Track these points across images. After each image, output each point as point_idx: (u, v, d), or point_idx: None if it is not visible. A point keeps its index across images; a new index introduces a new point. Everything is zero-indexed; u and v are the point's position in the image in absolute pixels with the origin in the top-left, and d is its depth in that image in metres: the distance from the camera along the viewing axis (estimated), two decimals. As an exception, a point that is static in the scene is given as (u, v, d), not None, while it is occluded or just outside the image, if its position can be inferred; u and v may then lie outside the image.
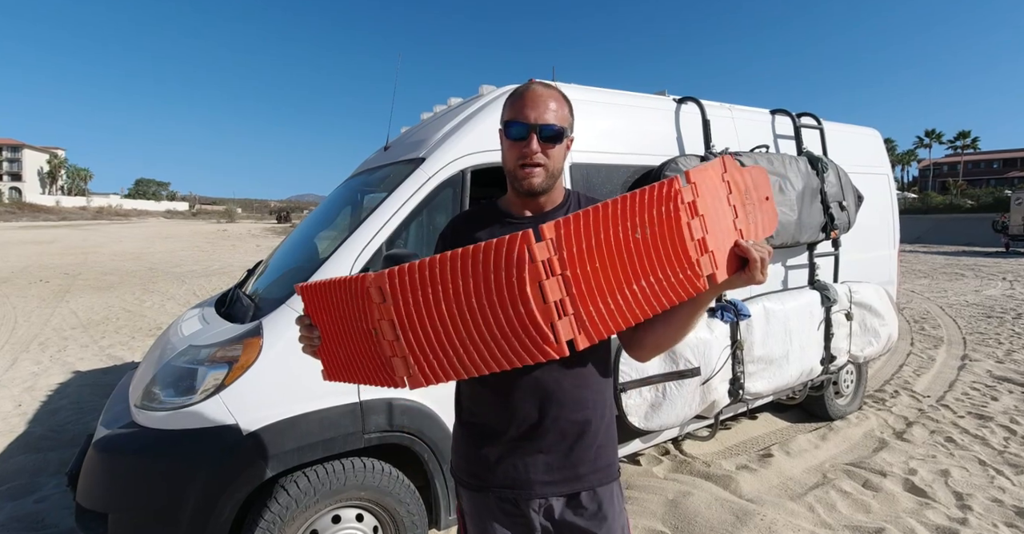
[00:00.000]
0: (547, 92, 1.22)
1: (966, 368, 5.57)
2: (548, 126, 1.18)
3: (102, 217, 69.33)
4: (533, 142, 1.18)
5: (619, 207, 0.93)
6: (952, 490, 3.11)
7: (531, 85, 1.23)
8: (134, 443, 1.99)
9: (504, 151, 1.26)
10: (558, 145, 1.21)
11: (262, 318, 2.09)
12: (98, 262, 17.08)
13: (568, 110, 1.24)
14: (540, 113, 1.18)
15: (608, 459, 1.29)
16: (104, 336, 7.24)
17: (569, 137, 1.25)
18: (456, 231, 1.37)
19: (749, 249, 1.04)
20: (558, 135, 1.20)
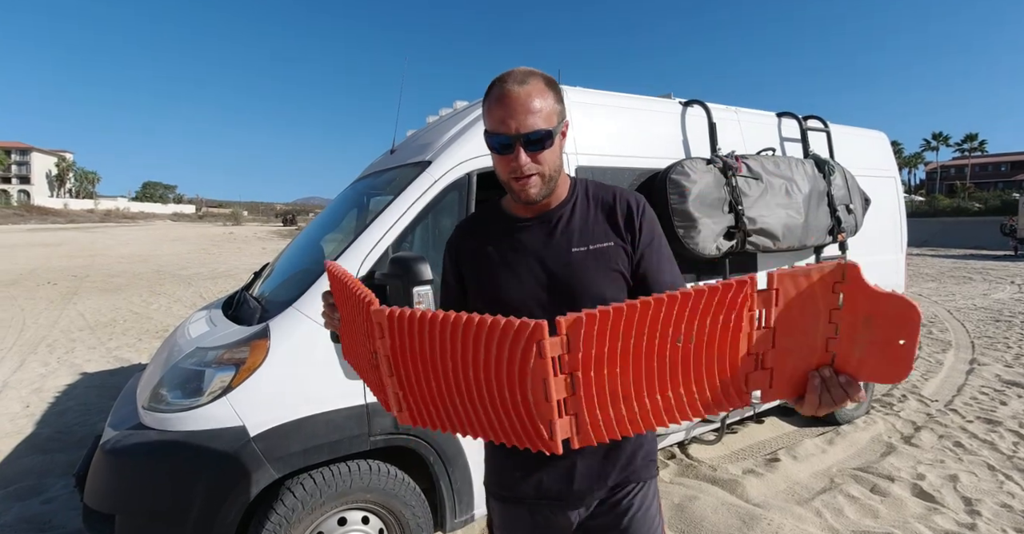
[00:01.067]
0: (524, 90, 1.07)
1: (975, 372, 5.53)
2: (533, 134, 1.07)
3: (109, 220, 69.79)
4: (521, 155, 1.08)
5: (663, 309, 0.75)
6: (961, 495, 3.09)
7: (504, 85, 1.08)
8: (141, 444, 2.00)
9: (493, 162, 1.17)
10: (549, 148, 1.11)
11: (269, 320, 2.10)
12: (105, 264, 17.19)
13: (553, 97, 1.11)
14: (521, 119, 1.06)
15: (648, 456, 1.28)
16: (111, 338, 7.28)
17: (562, 130, 1.15)
18: (463, 239, 1.33)
19: (816, 387, 0.77)
20: (546, 138, 1.09)
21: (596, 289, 1.19)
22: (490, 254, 1.26)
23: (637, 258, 1.20)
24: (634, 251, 1.21)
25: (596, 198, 1.25)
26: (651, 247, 1.22)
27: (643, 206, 1.24)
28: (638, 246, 1.21)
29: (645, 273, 1.20)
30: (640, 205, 1.24)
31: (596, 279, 1.19)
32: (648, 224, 1.22)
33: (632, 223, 1.22)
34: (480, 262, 1.28)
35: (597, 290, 1.19)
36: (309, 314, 2.07)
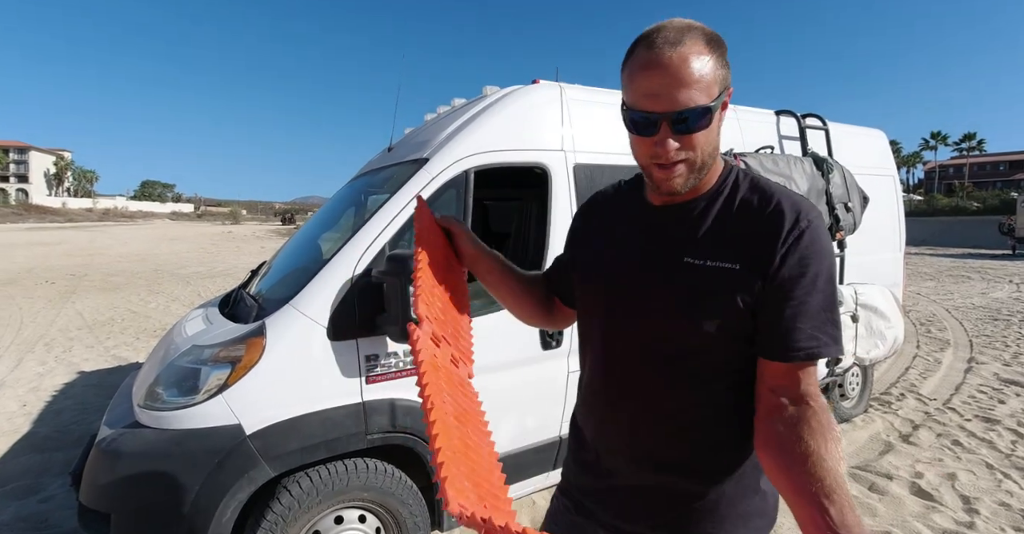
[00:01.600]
0: (678, 54, 0.82)
1: (973, 371, 5.53)
2: (686, 112, 0.84)
3: (108, 219, 69.70)
4: (667, 140, 0.86)
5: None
6: (959, 494, 3.09)
7: (653, 47, 0.84)
8: (137, 443, 1.99)
9: (631, 141, 0.94)
10: (705, 129, 0.87)
11: (265, 318, 2.09)
12: (104, 263, 17.15)
13: (715, 61, 0.85)
14: (673, 93, 0.83)
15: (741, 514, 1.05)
16: (109, 337, 7.26)
17: (725, 100, 0.89)
18: (587, 210, 1.19)
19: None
20: (702, 117, 0.85)
21: (691, 320, 0.92)
22: (599, 236, 1.11)
23: (763, 296, 0.88)
24: (763, 285, 0.88)
25: (747, 199, 0.93)
26: (788, 287, 0.87)
27: (802, 226, 0.87)
28: (770, 279, 0.87)
29: (765, 323, 0.89)
30: (797, 224, 0.87)
31: (697, 308, 0.91)
32: (800, 253, 0.87)
33: (774, 245, 0.87)
34: (587, 241, 1.15)
35: (691, 323, 0.92)
36: (306, 312, 2.06)
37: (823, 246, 0.89)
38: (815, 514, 0.73)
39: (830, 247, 0.91)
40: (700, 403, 0.96)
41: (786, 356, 0.87)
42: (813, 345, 0.86)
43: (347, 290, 2.11)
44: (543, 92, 2.77)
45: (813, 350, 0.86)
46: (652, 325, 0.96)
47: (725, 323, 0.91)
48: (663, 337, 0.96)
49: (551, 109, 2.73)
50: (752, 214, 0.92)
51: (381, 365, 2.15)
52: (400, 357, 2.20)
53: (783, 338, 0.87)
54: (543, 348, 2.55)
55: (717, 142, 0.92)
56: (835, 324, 0.88)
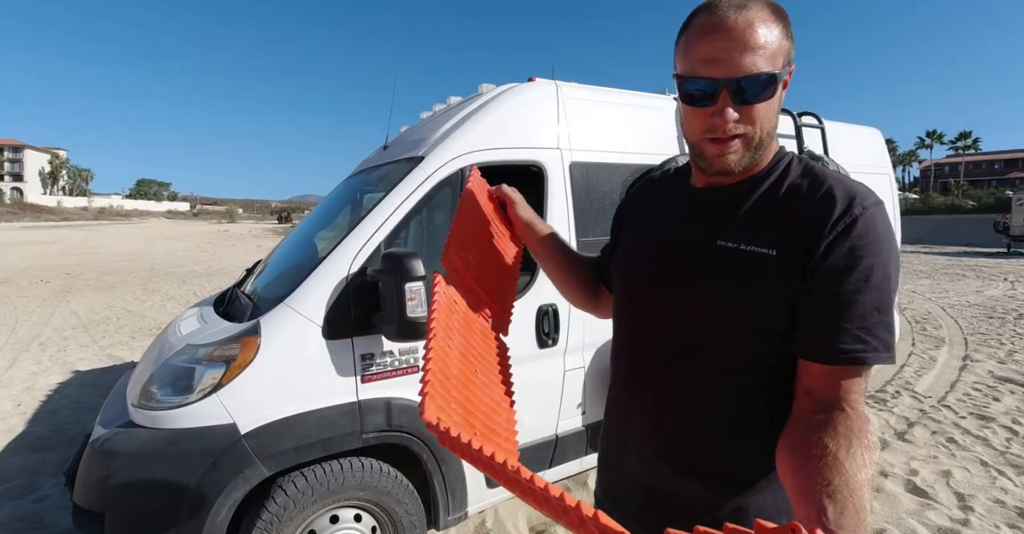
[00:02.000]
0: (743, 17, 0.78)
1: (968, 369, 5.55)
2: (750, 79, 0.78)
3: (103, 217, 69.42)
4: (727, 109, 0.80)
5: None
6: (954, 491, 3.10)
7: (716, 11, 0.80)
8: (131, 442, 1.98)
9: (683, 115, 0.88)
10: (767, 101, 0.80)
11: (260, 317, 2.08)
12: (99, 262, 17.08)
13: (781, 30, 0.80)
14: (735, 58, 0.77)
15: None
16: (104, 336, 7.23)
17: (788, 74, 0.82)
18: (635, 192, 1.15)
19: None
20: (767, 86, 0.79)
21: (717, 309, 0.86)
22: (639, 221, 1.07)
23: (804, 289, 0.80)
24: (804, 276, 0.79)
25: (797, 183, 0.85)
26: (834, 280, 0.77)
27: (855, 213, 0.78)
28: (811, 271, 0.79)
29: (805, 319, 0.80)
30: (850, 210, 0.78)
31: (725, 296, 0.85)
32: (851, 243, 0.77)
33: (820, 232, 0.79)
34: (627, 227, 1.11)
35: (718, 311, 0.86)
36: (300, 310, 2.05)
37: (881, 237, 0.78)
38: (811, 512, 0.63)
39: (891, 239, 0.79)
40: (725, 401, 0.88)
41: (825, 358, 0.78)
42: (859, 348, 0.76)
43: (342, 289, 2.10)
44: (539, 90, 2.76)
45: (859, 354, 0.76)
46: (678, 313, 0.91)
47: (754, 314, 0.83)
48: (687, 326, 0.90)
49: (547, 107, 2.73)
50: (799, 198, 0.83)
51: (376, 364, 2.15)
52: (396, 356, 2.19)
53: (824, 338, 0.78)
54: (539, 347, 2.55)
55: (776, 119, 0.84)
56: (887, 328, 0.77)
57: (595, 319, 2.77)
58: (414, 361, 2.23)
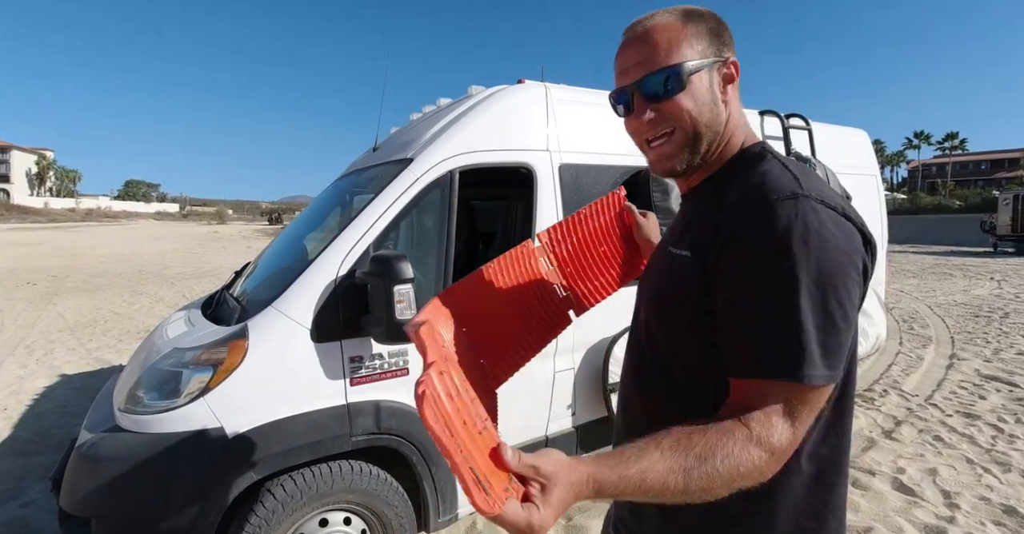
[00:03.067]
0: (645, 27, 0.82)
1: (954, 367, 5.61)
2: (651, 77, 0.80)
3: (91, 219, 68.72)
4: (640, 111, 0.83)
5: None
6: (940, 489, 3.13)
7: (628, 30, 0.85)
8: (117, 447, 1.96)
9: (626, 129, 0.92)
10: (683, 93, 0.80)
11: (247, 320, 2.07)
12: (87, 264, 16.91)
13: (694, 33, 0.82)
14: (637, 63, 0.82)
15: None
16: (91, 339, 7.16)
17: (712, 68, 0.82)
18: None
19: None
20: (672, 79, 0.80)
21: (656, 312, 0.90)
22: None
23: (713, 293, 0.77)
24: (708, 279, 0.78)
25: (738, 175, 0.84)
26: (731, 286, 0.75)
27: (752, 212, 0.74)
28: (711, 274, 0.77)
29: (720, 323, 0.77)
30: (749, 207, 0.75)
31: (658, 297, 0.89)
32: (746, 236, 0.73)
33: (716, 231, 0.77)
34: None
35: (657, 314, 0.90)
36: (289, 313, 2.04)
37: (790, 232, 0.70)
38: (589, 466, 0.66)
39: (811, 236, 0.70)
40: (678, 401, 0.86)
41: (731, 370, 0.75)
42: (749, 362, 0.72)
43: (331, 291, 2.09)
44: (528, 92, 2.76)
45: (751, 369, 0.72)
46: (643, 315, 0.96)
47: (685, 317, 0.82)
48: (645, 328, 0.93)
49: (536, 109, 2.73)
50: (720, 195, 0.82)
51: (365, 367, 2.14)
52: (385, 359, 2.19)
53: (727, 348, 0.75)
54: (529, 348, 2.55)
55: (714, 113, 0.83)
56: (794, 338, 0.69)
57: (585, 321, 2.77)
58: (403, 363, 2.23)
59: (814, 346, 0.69)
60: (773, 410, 0.70)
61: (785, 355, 0.69)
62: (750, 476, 0.68)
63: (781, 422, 0.70)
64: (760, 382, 0.72)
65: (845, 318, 0.71)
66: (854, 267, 0.72)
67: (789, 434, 0.70)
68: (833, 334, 0.70)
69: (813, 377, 0.69)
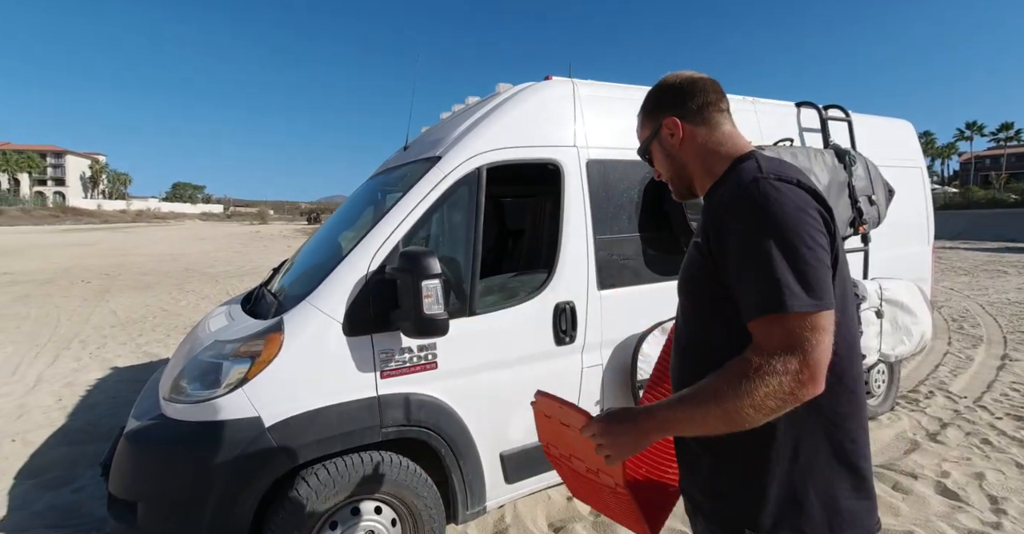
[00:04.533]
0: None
1: (1006, 368, 5.36)
2: (639, 152, 1.28)
3: (141, 220, 71.60)
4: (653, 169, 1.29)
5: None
6: (986, 493, 3.01)
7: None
8: (162, 434, 2.06)
9: None
10: (656, 162, 1.25)
11: (283, 314, 2.14)
12: (136, 263, 17.65)
13: (643, 117, 1.25)
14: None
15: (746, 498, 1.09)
16: (141, 334, 7.48)
17: (657, 140, 1.21)
18: None
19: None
20: (644, 154, 1.26)
21: (685, 294, 1.17)
22: None
23: (716, 266, 1.02)
24: (710, 258, 1.03)
25: (723, 184, 1.09)
26: (724, 254, 0.99)
27: (726, 194, 1.03)
28: (711, 248, 1.02)
29: (731, 288, 1.00)
30: (724, 197, 1.03)
31: (689, 281, 1.13)
32: (725, 218, 0.99)
33: (716, 214, 1.03)
34: None
35: (685, 296, 1.16)
36: (322, 308, 2.10)
37: (753, 207, 0.95)
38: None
39: (770, 205, 0.93)
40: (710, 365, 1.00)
41: (743, 320, 0.96)
42: (749, 308, 0.94)
43: (362, 286, 2.15)
44: (555, 88, 2.77)
45: (749, 312, 0.94)
46: (679, 301, 1.19)
47: (707, 295, 1.06)
48: (683, 311, 1.17)
49: (563, 105, 2.73)
50: (719, 192, 1.08)
51: (395, 360, 2.19)
52: (414, 352, 2.23)
53: (739, 306, 0.97)
54: (556, 344, 2.56)
55: (674, 163, 1.20)
56: (771, 281, 0.89)
57: (613, 317, 2.76)
58: (432, 358, 2.27)
59: (792, 282, 0.89)
60: (774, 339, 0.90)
61: (770, 295, 0.89)
62: (775, 396, 0.87)
63: (783, 348, 0.88)
64: (760, 321, 0.92)
65: (816, 257, 0.91)
66: (811, 217, 0.93)
67: (797, 356, 0.88)
68: (808, 271, 0.90)
69: (796, 305, 0.88)
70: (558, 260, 2.59)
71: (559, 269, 2.59)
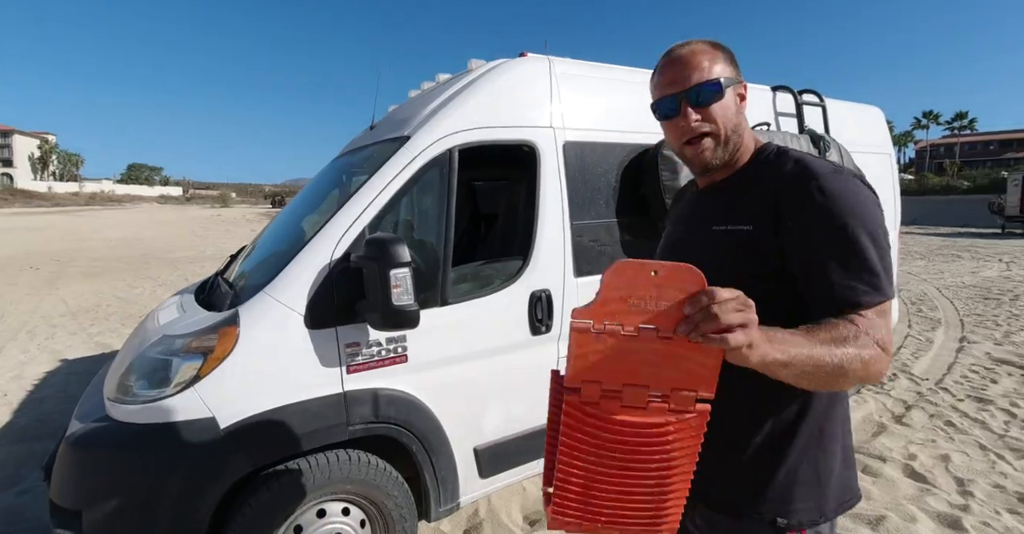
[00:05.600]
0: (686, 50, 1.04)
1: (964, 350, 5.52)
2: (698, 87, 1.01)
3: (95, 203, 68.76)
4: (689, 113, 1.03)
5: None
6: (953, 475, 3.06)
7: (667, 54, 1.07)
8: (106, 438, 1.90)
9: (665, 135, 1.13)
10: (720, 102, 1.02)
11: (239, 306, 1.99)
12: (90, 248, 16.89)
13: (722, 56, 1.05)
14: (686, 76, 1.02)
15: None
16: (93, 323, 7.13)
17: (736, 86, 1.06)
18: (672, 208, 1.38)
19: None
20: (715, 91, 1.02)
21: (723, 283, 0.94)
22: (670, 223, 1.30)
23: (788, 255, 0.97)
24: (781, 243, 0.97)
25: (771, 168, 1.05)
26: (806, 242, 0.95)
27: (814, 181, 0.96)
28: (786, 236, 0.97)
29: (801, 281, 0.96)
30: (810, 178, 0.97)
31: (720, 271, 0.90)
32: (811, 206, 0.94)
33: (784, 201, 0.98)
34: (667, 231, 1.31)
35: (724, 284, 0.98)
36: (281, 299, 1.96)
37: (843, 196, 0.94)
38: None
39: (859, 197, 0.95)
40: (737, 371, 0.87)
41: (823, 311, 0.92)
42: (848, 295, 0.91)
43: (325, 276, 2.00)
44: (531, 66, 2.64)
45: (851, 299, 0.91)
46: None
47: (748, 286, 0.86)
48: None
49: (540, 84, 2.61)
50: (769, 178, 1.03)
51: (362, 354, 2.06)
52: (383, 345, 2.10)
53: (818, 293, 0.94)
54: (532, 333, 2.46)
55: (738, 120, 1.06)
56: (871, 271, 0.92)
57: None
58: (402, 350, 2.14)
59: (882, 273, 0.93)
60: (882, 327, 0.92)
61: (871, 284, 0.92)
62: (874, 373, 0.88)
63: (884, 329, 0.92)
64: (871, 308, 0.91)
65: (889, 248, 0.97)
66: (882, 214, 0.99)
67: (890, 337, 0.93)
68: (889, 262, 0.95)
69: (890, 293, 0.94)
70: (534, 246, 2.49)
71: (535, 256, 2.49)
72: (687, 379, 0.79)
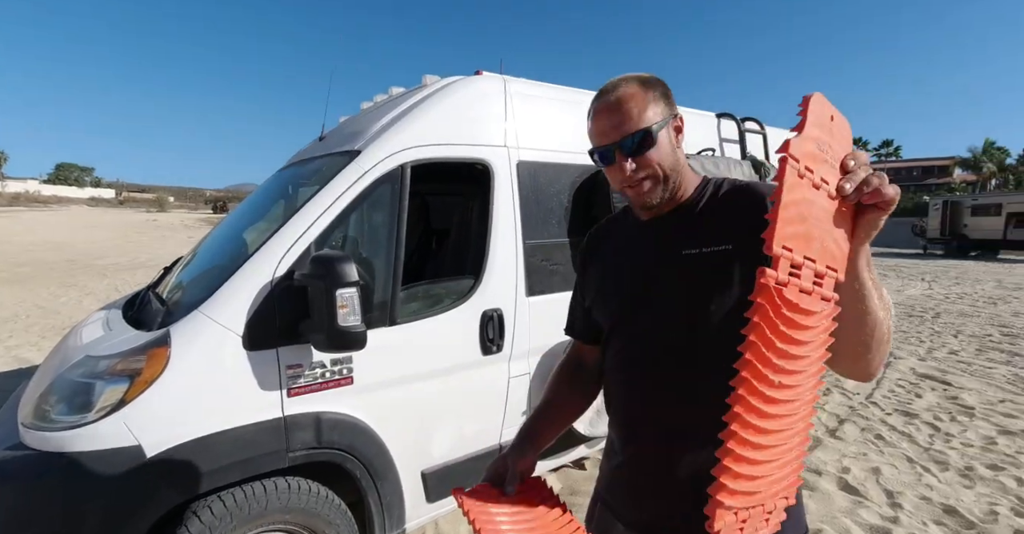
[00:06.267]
0: (614, 96, 1.02)
1: (891, 366, 5.82)
2: (631, 138, 1.01)
3: (18, 204, 64.21)
4: (624, 163, 1.02)
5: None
6: (883, 488, 3.20)
7: (596, 101, 1.05)
8: (19, 468, 1.73)
9: (607, 176, 1.11)
10: (653, 148, 1.02)
11: (170, 326, 1.87)
12: (11, 252, 15.75)
13: (651, 96, 1.02)
14: (615, 126, 1.01)
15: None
16: (11, 335, 6.62)
17: (670, 124, 1.04)
18: (591, 244, 1.29)
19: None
20: (646, 139, 1.01)
21: (698, 307, 1.02)
22: (606, 258, 1.23)
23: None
24: (758, 257, 0.94)
25: (731, 192, 1.06)
26: None
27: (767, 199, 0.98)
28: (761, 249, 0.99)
29: None
30: (763, 197, 1.00)
31: (700, 293, 1.01)
32: None
33: (756, 218, 0.92)
34: (595, 267, 1.25)
35: (699, 309, 1.01)
36: (218, 319, 1.85)
37: None
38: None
39: None
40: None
41: None
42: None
43: (266, 294, 1.91)
44: (486, 84, 2.64)
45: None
46: (681, 318, 1.03)
47: (731, 305, 0.96)
48: (692, 327, 1.02)
49: (494, 102, 2.61)
50: (737, 199, 1.04)
51: (304, 376, 1.98)
52: (327, 367, 2.02)
53: None
54: (483, 353, 2.43)
55: (675, 158, 1.05)
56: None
57: (542, 325, 2.64)
58: (347, 372, 2.07)
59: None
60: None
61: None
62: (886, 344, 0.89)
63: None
64: None
65: None
66: None
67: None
68: None
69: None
70: (486, 265, 2.47)
71: (487, 275, 2.46)
72: (831, 257, 0.71)
